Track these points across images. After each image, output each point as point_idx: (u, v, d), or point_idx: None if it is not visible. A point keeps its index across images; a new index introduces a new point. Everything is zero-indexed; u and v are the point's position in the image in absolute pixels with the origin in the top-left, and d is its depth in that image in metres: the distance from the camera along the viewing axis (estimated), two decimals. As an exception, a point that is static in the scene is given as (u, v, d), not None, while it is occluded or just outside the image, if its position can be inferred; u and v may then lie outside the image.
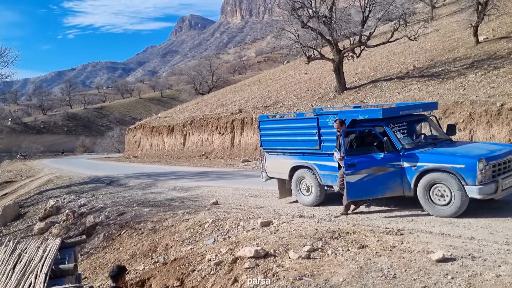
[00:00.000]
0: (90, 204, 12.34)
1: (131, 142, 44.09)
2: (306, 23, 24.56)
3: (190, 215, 8.88)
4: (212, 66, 64.91)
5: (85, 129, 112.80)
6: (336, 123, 7.90)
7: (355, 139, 7.88)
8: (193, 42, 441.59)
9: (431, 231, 5.99)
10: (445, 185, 6.82)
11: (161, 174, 18.66)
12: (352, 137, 7.88)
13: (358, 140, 7.88)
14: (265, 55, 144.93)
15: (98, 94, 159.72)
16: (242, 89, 43.98)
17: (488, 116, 14.25)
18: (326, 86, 28.56)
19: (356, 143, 7.85)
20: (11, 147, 67.48)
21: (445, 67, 22.53)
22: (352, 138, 7.88)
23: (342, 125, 7.84)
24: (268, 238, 6.06)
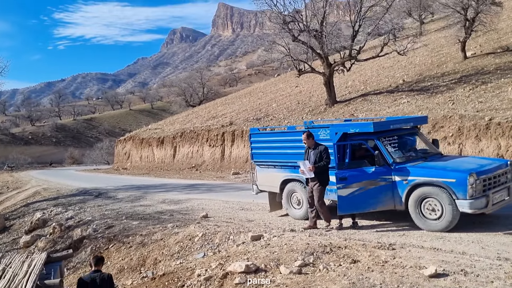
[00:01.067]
0: (77, 217, 12.14)
1: (121, 154, 43.75)
2: (297, 37, 24.76)
3: (179, 228, 8.76)
4: (203, 78, 65.06)
5: (74, 140, 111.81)
6: (303, 136, 7.90)
7: (346, 153, 7.89)
8: (184, 55, 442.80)
9: (422, 246, 5.96)
10: (436, 199, 6.82)
11: (151, 187, 18.47)
12: (343, 150, 7.89)
13: (349, 154, 7.88)
14: (256, 68, 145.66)
15: (88, 105, 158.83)
16: (233, 102, 44.05)
17: (476, 131, 14.38)
18: (316, 99, 28.70)
19: (347, 157, 7.86)
20: (-2, 158, 66.61)
21: (434, 81, 22.80)
22: (343, 152, 7.88)
23: (309, 138, 7.86)
24: (259, 253, 5.97)
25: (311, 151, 7.91)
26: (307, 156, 7.97)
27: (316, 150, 7.82)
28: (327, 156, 7.74)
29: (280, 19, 24.55)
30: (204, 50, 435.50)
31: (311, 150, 7.91)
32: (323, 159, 7.70)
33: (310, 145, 7.93)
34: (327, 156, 7.74)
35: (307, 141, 7.89)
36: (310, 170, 7.69)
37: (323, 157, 7.72)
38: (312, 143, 7.92)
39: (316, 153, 7.80)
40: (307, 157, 7.95)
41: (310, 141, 7.90)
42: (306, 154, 8.02)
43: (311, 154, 7.89)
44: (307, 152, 8.02)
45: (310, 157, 7.89)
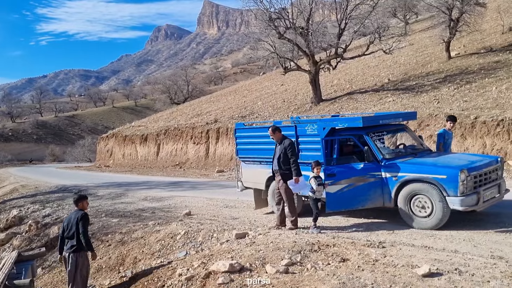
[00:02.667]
0: (55, 214, 11.68)
1: (103, 151, 43.06)
2: (282, 34, 24.57)
3: (161, 226, 8.43)
4: (188, 76, 64.42)
5: (55, 137, 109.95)
6: (269, 131, 7.69)
7: (334, 148, 7.69)
8: (169, 52, 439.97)
9: (413, 244, 5.76)
10: (426, 196, 6.65)
11: (133, 184, 18.05)
12: (330, 146, 7.69)
13: (337, 150, 7.69)
14: (241, 67, 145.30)
15: (70, 102, 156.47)
16: (218, 99, 43.76)
17: (462, 129, 14.36)
18: (302, 97, 28.59)
19: (335, 153, 7.66)
20: (-24, 155, 65.06)
21: (418, 81, 22.85)
22: (331, 147, 7.68)
23: (275, 132, 7.64)
24: (244, 251, 5.70)
25: (276, 147, 7.68)
26: (275, 149, 7.73)
27: (281, 145, 7.57)
28: (292, 151, 7.45)
29: (266, 15, 24.32)
30: (189, 48, 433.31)
31: (276, 146, 7.68)
32: (289, 156, 7.42)
33: (277, 140, 7.68)
34: (292, 151, 7.45)
35: (273, 136, 7.65)
36: (297, 182, 7.38)
37: (287, 153, 7.44)
38: (279, 138, 7.67)
39: (281, 149, 7.55)
40: (274, 152, 7.71)
41: (276, 136, 7.66)
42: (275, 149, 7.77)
43: (277, 150, 7.65)
44: (276, 147, 7.76)
45: (275, 153, 7.66)
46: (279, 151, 7.55)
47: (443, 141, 8.41)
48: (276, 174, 7.67)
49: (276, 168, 7.62)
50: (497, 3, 33.70)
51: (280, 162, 7.51)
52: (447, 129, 8.58)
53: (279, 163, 7.53)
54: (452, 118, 8.69)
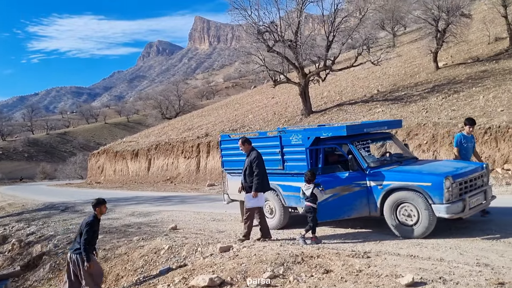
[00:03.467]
0: (39, 232, 11.43)
1: (94, 168, 42.70)
2: (271, 47, 24.67)
3: (145, 241, 8.25)
4: (179, 90, 64.45)
5: (47, 155, 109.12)
6: (239, 142, 7.64)
7: (319, 158, 7.61)
8: (161, 68, 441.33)
9: (399, 253, 5.65)
10: (412, 204, 6.55)
11: (122, 200, 17.81)
12: (315, 155, 7.61)
13: (322, 159, 7.61)
14: (233, 81, 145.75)
15: (62, 119, 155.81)
16: (209, 114, 43.76)
17: (450, 138, 14.34)
18: (292, 109, 28.64)
19: (320, 162, 7.59)
20: (-34, 174, 64.28)
21: (407, 91, 22.98)
22: (315, 157, 7.60)
23: (244, 144, 7.59)
24: (226, 265, 5.55)
25: (245, 158, 7.61)
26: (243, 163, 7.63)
27: (248, 158, 7.50)
28: (257, 164, 7.38)
29: (255, 29, 24.44)
30: (181, 63, 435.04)
31: (246, 157, 7.60)
32: (253, 169, 7.37)
33: (246, 152, 7.62)
34: (257, 164, 7.38)
35: (242, 147, 7.60)
36: (255, 197, 7.34)
37: (253, 165, 7.39)
38: (247, 149, 7.59)
39: (248, 161, 7.49)
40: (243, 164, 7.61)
41: (245, 148, 7.60)
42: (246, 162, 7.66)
43: (244, 163, 7.58)
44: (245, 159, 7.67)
45: (244, 165, 7.59)
46: (246, 164, 7.51)
47: (458, 146, 7.82)
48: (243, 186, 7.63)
49: (242, 180, 7.61)
50: (483, 15, 34.19)
51: (246, 175, 7.47)
52: (465, 133, 7.89)
53: (244, 176, 7.50)
54: (470, 121, 7.95)
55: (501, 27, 27.77)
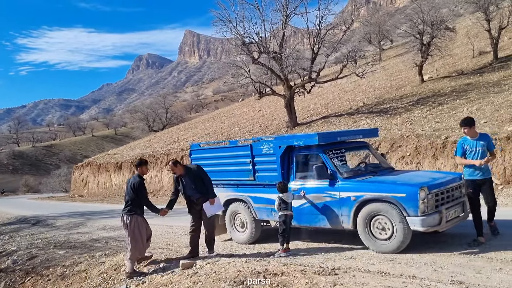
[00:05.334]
0: (1, 248, 10.82)
1: (77, 181, 41.90)
2: (256, 59, 24.44)
3: (108, 257, 7.74)
4: (167, 103, 64.02)
5: (32, 168, 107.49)
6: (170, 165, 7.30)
7: (291, 168, 7.29)
8: (150, 81, 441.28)
9: (369, 270, 5.23)
10: (386, 216, 6.16)
11: (97, 213, 17.22)
12: (287, 164, 7.31)
13: (294, 168, 7.29)
14: (222, 94, 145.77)
15: (49, 132, 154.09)
16: (196, 126, 43.49)
17: (433, 149, 14.10)
18: (278, 122, 28.44)
19: (292, 172, 7.26)
20: None
21: (392, 103, 22.89)
22: (288, 166, 7.29)
23: (177, 165, 7.27)
24: (182, 283, 5.09)
25: (184, 178, 7.25)
26: (182, 184, 7.27)
27: (190, 175, 7.21)
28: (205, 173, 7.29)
29: (240, 40, 24.23)
30: (170, 77, 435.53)
31: (184, 177, 7.26)
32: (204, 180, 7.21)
33: (181, 173, 7.26)
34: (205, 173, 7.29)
35: (176, 169, 7.23)
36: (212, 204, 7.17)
37: (202, 177, 7.21)
38: (181, 171, 7.26)
39: (192, 177, 7.19)
40: (185, 185, 7.25)
41: (179, 169, 7.25)
42: (178, 183, 7.33)
43: (188, 181, 7.22)
44: (179, 181, 7.32)
45: (186, 184, 7.23)
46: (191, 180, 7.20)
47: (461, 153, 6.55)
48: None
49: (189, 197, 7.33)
50: (467, 29, 34.54)
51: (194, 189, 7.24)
52: (469, 137, 6.48)
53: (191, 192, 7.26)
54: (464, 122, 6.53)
55: (485, 41, 27.99)
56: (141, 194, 6.77)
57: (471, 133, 6.46)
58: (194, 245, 7.34)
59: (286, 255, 6.68)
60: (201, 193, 7.16)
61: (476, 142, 6.41)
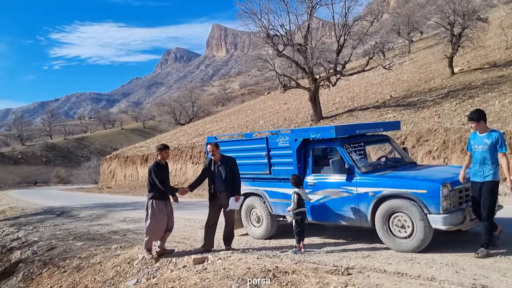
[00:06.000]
0: (25, 238, 10.99)
1: (106, 173, 42.76)
2: (281, 51, 24.14)
3: (123, 250, 7.71)
4: (193, 97, 64.36)
5: (64, 159, 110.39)
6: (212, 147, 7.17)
7: (307, 161, 7.05)
8: (178, 74, 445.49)
9: (385, 270, 4.96)
10: (406, 214, 5.85)
11: (120, 205, 17.39)
12: (304, 158, 7.08)
13: (311, 162, 7.05)
14: (249, 88, 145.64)
15: (80, 124, 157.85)
16: (221, 119, 43.62)
17: (462, 144, 13.52)
18: (303, 115, 28.14)
19: (309, 165, 7.03)
20: (-15, 178, 65.08)
21: (421, 97, 22.23)
22: (304, 159, 7.06)
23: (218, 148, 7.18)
24: (189, 281, 4.95)
25: (217, 165, 7.15)
26: (214, 171, 7.13)
27: (225, 164, 7.11)
28: (238, 169, 7.17)
29: (264, 32, 23.97)
30: (198, 70, 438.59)
31: (217, 164, 7.15)
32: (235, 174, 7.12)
33: (217, 158, 7.15)
34: (238, 169, 7.17)
35: (216, 152, 7.13)
36: (237, 201, 7.06)
37: (234, 171, 7.10)
38: (219, 157, 7.17)
39: (225, 168, 7.07)
40: (214, 172, 7.13)
41: (218, 153, 7.17)
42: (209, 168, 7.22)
43: (220, 170, 7.10)
44: (210, 166, 7.21)
45: (217, 172, 7.12)
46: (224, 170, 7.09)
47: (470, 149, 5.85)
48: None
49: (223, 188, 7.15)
50: (500, 20, 33.24)
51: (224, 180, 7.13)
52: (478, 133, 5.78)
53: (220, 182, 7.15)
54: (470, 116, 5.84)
55: (519, 32, 26.82)
56: (152, 178, 6.91)
57: (480, 129, 5.74)
58: (209, 239, 7.22)
59: (301, 252, 6.47)
60: (226, 187, 7.06)
61: (481, 139, 5.69)
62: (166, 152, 7.21)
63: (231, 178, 7.05)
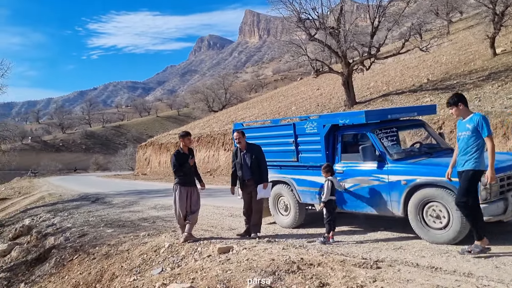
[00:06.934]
0: (59, 224, 11.26)
1: (141, 160, 43.59)
2: (313, 35, 23.60)
3: (150, 237, 7.70)
4: (226, 83, 64.41)
5: (102, 147, 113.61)
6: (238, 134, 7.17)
7: (336, 148, 6.78)
8: (212, 62, 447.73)
9: (418, 264, 4.66)
10: (441, 203, 5.48)
11: (153, 192, 17.60)
12: (332, 144, 6.81)
13: (340, 149, 6.77)
14: (282, 74, 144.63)
15: (117, 112, 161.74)
16: (253, 106, 43.48)
17: (504, 128, 12.80)
18: (336, 101, 27.59)
19: (337, 152, 6.75)
20: (30, 165, 67.84)
21: (460, 79, 21.28)
22: (332, 146, 6.79)
23: (245, 136, 7.19)
24: (211, 271, 4.81)
25: (243, 153, 7.15)
26: (240, 159, 7.14)
27: (250, 152, 7.09)
28: (264, 157, 7.18)
29: (295, 16, 23.47)
30: (231, 57, 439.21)
31: (243, 153, 7.16)
32: (260, 162, 7.08)
33: (243, 146, 7.15)
34: (264, 157, 7.18)
35: (242, 139, 7.14)
36: (265, 188, 7.05)
37: (259, 159, 7.07)
38: (245, 145, 7.18)
39: (250, 155, 7.06)
40: (241, 160, 7.13)
41: (243, 140, 7.18)
42: (237, 157, 7.24)
43: (245, 158, 7.10)
44: (237, 155, 7.24)
45: (243, 160, 7.12)
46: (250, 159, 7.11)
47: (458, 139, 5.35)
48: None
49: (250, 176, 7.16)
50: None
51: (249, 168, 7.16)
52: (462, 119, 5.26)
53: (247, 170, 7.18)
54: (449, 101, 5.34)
55: None
56: (172, 165, 7.23)
57: (461, 114, 5.21)
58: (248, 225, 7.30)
59: (330, 242, 6.24)
60: (252, 174, 7.08)
61: (464, 125, 5.16)
62: (188, 139, 7.40)
63: (257, 166, 7.05)
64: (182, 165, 7.12)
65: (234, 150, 7.40)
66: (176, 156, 7.22)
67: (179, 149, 7.37)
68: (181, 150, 7.31)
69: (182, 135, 7.42)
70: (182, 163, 7.13)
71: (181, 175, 7.15)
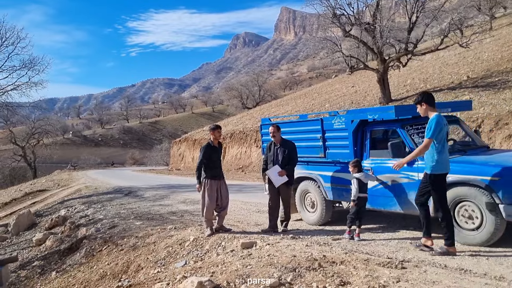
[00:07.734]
0: (92, 215, 11.56)
1: (175, 155, 44.26)
2: (348, 31, 23.20)
3: (177, 231, 7.75)
4: (260, 81, 64.46)
5: (139, 142, 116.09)
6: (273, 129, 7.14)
7: (365, 144, 6.60)
8: (247, 59, 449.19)
9: (446, 265, 4.45)
10: (474, 203, 5.22)
11: (184, 186, 17.79)
12: (361, 140, 6.64)
13: (368, 145, 6.59)
14: (317, 71, 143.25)
15: (154, 109, 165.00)
16: (287, 103, 43.29)
17: (548, 128, 12.15)
18: (371, 98, 27.03)
19: (366, 149, 6.57)
20: (70, 158, 70.29)
21: (502, 77, 20.37)
22: (361, 142, 6.63)
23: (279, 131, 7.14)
24: (231, 266, 4.77)
25: (277, 148, 7.11)
26: (273, 153, 7.10)
27: (284, 147, 7.05)
28: (296, 155, 7.15)
29: (330, 12, 23.13)
30: (266, 55, 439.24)
31: (277, 147, 7.12)
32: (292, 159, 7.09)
33: (278, 141, 7.10)
34: (296, 155, 7.15)
35: (277, 134, 7.10)
36: (282, 175, 6.96)
37: (292, 156, 7.03)
38: (279, 139, 7.11)
39: (283, 151, 7.03)
40: (273, 154, 7.10)
41: (279, 135, 7.13)
42: (270, 151, 7.19)
43: (278, 153, 7.07)
44: (271, 148, 7.19)
45: (275, 156, 7.09)
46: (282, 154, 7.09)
47: None
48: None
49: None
50: None
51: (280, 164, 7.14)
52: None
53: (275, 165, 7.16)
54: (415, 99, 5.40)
55: None
56: (199, 157, 7.22)
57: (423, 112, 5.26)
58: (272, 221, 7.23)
59: (355, 239, 6.08)
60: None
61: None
62: (218, 131, 7.38)
63: (287, 162, 7.02)
64: (210, 158, 7.13)
65: (268, 144, 7.38)
66: (205, 148, 7.20)
67: (210, 141, 7.37)
68: (211, 143, 7.30)
69: (212, 128, 7.42)
70: (210, 157, 7.13)
71: (210, 169, 7.15)
